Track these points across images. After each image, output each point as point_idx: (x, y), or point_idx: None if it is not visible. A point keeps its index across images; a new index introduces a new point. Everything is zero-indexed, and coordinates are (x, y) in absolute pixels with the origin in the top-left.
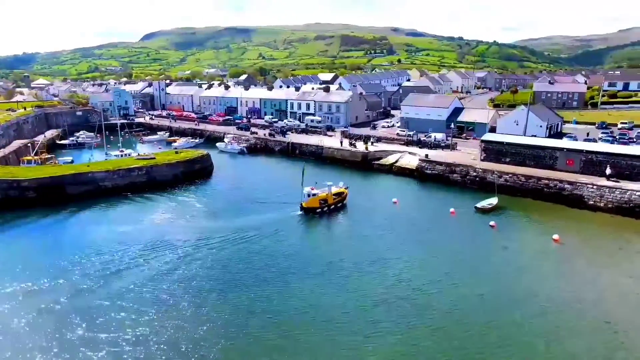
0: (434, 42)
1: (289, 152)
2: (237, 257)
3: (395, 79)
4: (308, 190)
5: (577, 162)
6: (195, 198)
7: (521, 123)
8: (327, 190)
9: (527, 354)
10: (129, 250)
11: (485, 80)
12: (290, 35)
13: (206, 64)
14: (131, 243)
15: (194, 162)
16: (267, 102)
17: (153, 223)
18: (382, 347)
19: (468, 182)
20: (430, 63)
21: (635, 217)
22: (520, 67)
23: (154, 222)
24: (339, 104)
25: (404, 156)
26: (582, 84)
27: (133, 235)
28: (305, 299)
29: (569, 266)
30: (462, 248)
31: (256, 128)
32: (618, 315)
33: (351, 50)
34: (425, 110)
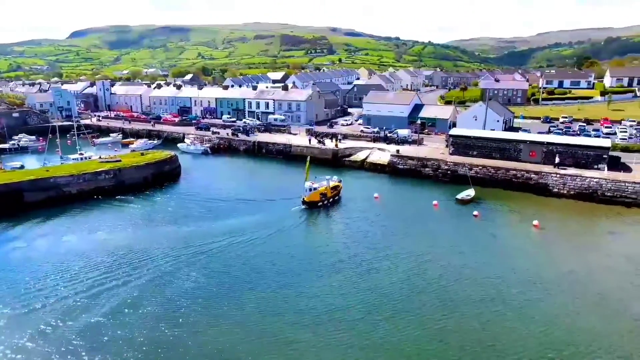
0: (371, 41)
1: (255, 151)
2: (241, 260)
3: (345, 78)
4: (309, 185)
5: (539, 154)
6: (172, 201)
7: (479, 118)
8: (326, 184)
9: (528, 331)
10: (111, 261)
11: (432, 78)
12: (229, 34)
13: (142, 63)
14: (112, 252)
15: (163, 163)
16: (224, 102)
17: (134, 229)
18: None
19: (440, 176)
20: (370, 62)
21: (594, 201)
22: (455, 66)
23: (134, 228)
24: (299, 102)
25: (373, 152)
26: (524, 82)
27: (112, 243)
28: (315, 297)
29: (553, 248)
30: (455, 238)
31: (216, 128)
32: (606, 288)
33: (292, 49)
34: (386, 107)
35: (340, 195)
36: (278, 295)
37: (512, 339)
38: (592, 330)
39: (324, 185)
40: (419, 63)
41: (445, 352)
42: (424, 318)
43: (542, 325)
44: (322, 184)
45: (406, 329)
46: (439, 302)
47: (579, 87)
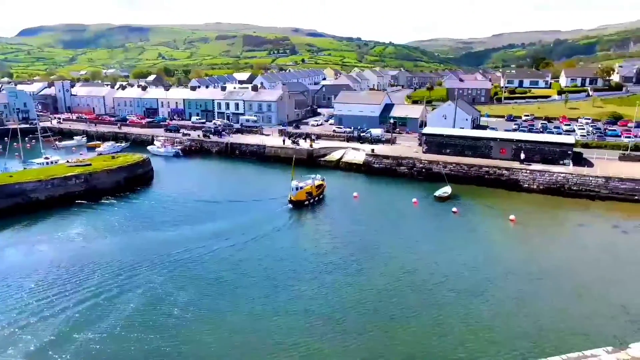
0: (334, 42)
1: (227, 152)
2: (229, 264)
3: (312, 78)
4: (296, 184)
5: (509, 151)
6: (149, 205)
7: (449, 117)
8: (311, 183)
9: (522, 320)
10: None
11: (397, 78)
12: (190, 35)
13: (100, 63)
14: (90, 261)
15: (136, 167)
16: (192, 103)
17: (111, 236)
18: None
19: (415, 174)
20: (333, 62)
21: (562, 195)
22: (415, 66)
23: (111, 235)
24: (270, 103)
25: (348, 152)
26: (487, 81)
27: (89, 252)
28: (309, 300)
29: (530, 241)
30: (438, 235)
31: (187, 129)
32: (585, 277)
33: (254, 50)
34: (357, 107)
35: (324, 194)
36: (271, 300)
37: (508, 328)
38: (580, 317)
39: (310, 184)
40: (381, 63)
41: (445, 348)
42: (420, 316)
43: (534, 314)
44: (308, 183)
45: (404, 328)
46: (433, 299)
47: (537, 86)
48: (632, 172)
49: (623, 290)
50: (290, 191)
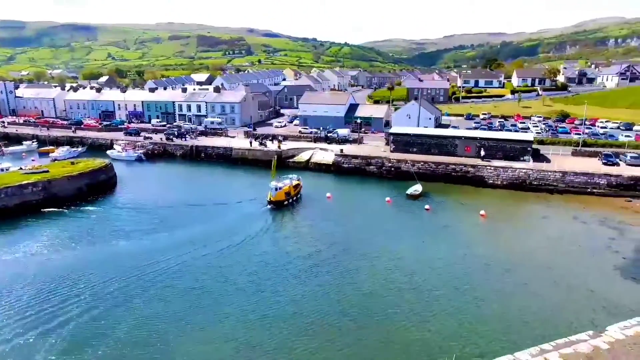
0: (290, 42)
1: (193, 156)
2: (211, 272)
3: (272, 79)
4: (275, 185)
5: (473, 148)
6: (116, 212)
7: (413, 116)
8: (289, 183)
9: (506, 311)
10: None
11: (357, 78)
12: (141, 34)
13: (44, 63)
14: (56, 275)
15: (99, 172)
16: (152, 105)
17: (78, 247)
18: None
19: (384, 173)
20: (289, 63)
21: (523, 190)
22: (371, 66)
23: (78, 246)
24: (234, 104)
25: (316, 152)
26: (445, 81)
27: (54, 265)
28: (297, 304)
29: (501, 235)
30: (414, 232)
31: (147, 132)
32: (556, 266)
33: (209, 50)
34: (322, 107)
35: (301, 194)
36: (260, 306)
37: (495, 319)
38: (558, 304)
39: (288, 185)
40: (337, 64)
41: (436, 343)
42: (408, 313)
43: (516, 304)
44: (286, 183)
45: (394, 326)
46: (419, 296)
47: (492, 86)
48: (585, 167)
49: (590, 277)
50: (269, 192)
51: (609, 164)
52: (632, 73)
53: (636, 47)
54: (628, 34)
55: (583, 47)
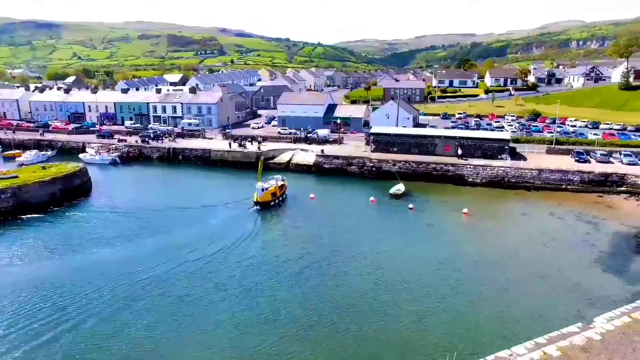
0: (263, 42)
1: (170, 158)
2: (201, 278)
3: (247, 79)
4: (261, 185)
5: (452, 147)
6: (94, 219)
7: (391, 116)
8: (275, 184)
9: (495, 306)
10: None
11: (333, 78)
12: (109, 33)
13: (1, 62)
14: (35, 287)
15: (73, 177)
16: (124, 106)
17: (56, 257)
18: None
19: (366, 173)
20: (263, 63)
21: (502, 187)
22: (344, 66)
23: (56, 255)
24: (210, 105)
25: (296, 153)
26: (421, 81)
27: (32, 276)
28: (291, 308)
29: (485, 232)
30: (400, 231)
31: (121, 135)
32: (541, 261)
33: (180, 50)
34: (301, 107)
35: (286, 194)
36: (253, 312)
37: (487, 315)
38: (546, 298)
39: (274, 185)
40: (310, 64)
41: (431, 341)
42: (402, 312)
43: (506, 300)
44: (272, 184)
45: (389, 326)
46: (412, 295)
47: (466, 86)
48: (559, 164)
49: (573, 270)
50: (256, 192)
51: (581, 161)
52: (596, 74)
53: (596, 49)
54: (588, 36)
55: (548, 48)
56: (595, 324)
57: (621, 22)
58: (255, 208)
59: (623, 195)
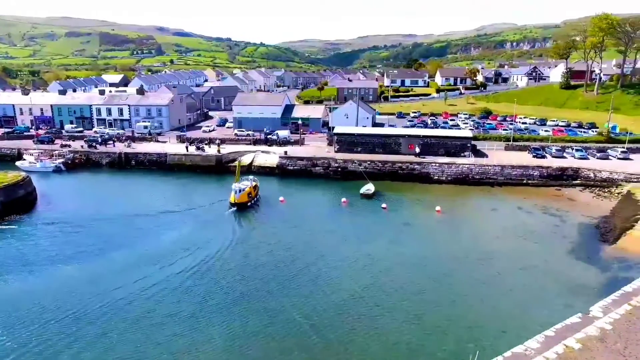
0: (203, 42)
1: (121, 163)
2: (184, 294)
3: (193, 80)
4: (238, 186)
5: (416, 146)
6: (46, 233)
7: (351, 116)
8: (250, 184)
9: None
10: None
11: (283, 79)
12: (31, 29)
13: None
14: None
15: (16, 188)
16: (63, 109)
17: (8, 279)
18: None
19: (331, 173)
20: (204, 64)
21: (467, 184)
22: (287, 66)
23: (7, 277)
24: (161, 107)
25: (258, 155)
26: (374, 81)
27: None
28: (287, 316)
29: (460, 229)
30: (377, 232)
31: (63, 140)
32: (521, 253)
33: (115, 49)
34: (258, 108)
35: (259, 195)
36: (246, 326)
37: (486, 312)
38: (539, 291)
39: (249, 186)
40: (253, 64)
41: (429, 341)
42: (397, 313)
43: (501, 295)
44: (247, 185)
45: (388, 329)
46: (405, 297)
47: (417, 85)
48: (517, 160)
49: (551, 262)
50: (232, 193)
51: (538, 157)
52: (537, 74)
53: (527, 50)
54: (520, 38)
55: (485, 49)
56: (592, 313)
57: (548, 26)
58: (232, 210)
59: (578, 188)
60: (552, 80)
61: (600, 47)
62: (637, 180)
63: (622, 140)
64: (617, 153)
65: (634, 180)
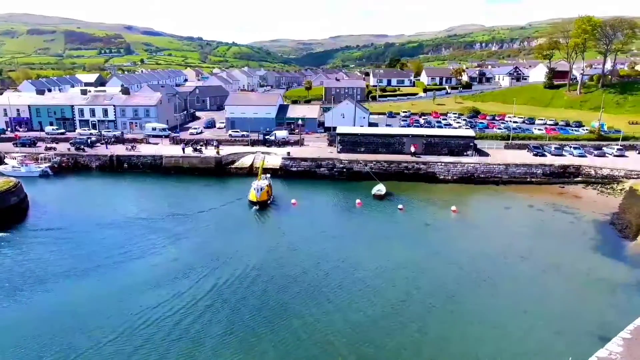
0: (173, 41)
1: (113, 167)
2: (218, 311)
3: (173, 79)
4: (259, 184)
5: (420, 146)
6: (49, 245)
7: (347, 116)
8: (267, 183)
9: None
10: None
11: (266, 78)
12: None
13: None
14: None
15: (8, 195)
16: (42, 110)
17: (16, 297)
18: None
19: (336, 174)
20: (175, 63)
21: (472, 183)
22: (260, 66)
23: (12, 295)
24: (149, 107)
25: (258, 156)
26: (362, 80)
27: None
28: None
29: (482, 228)
30: (400, 234)
31: (47, 142)
32: (545, 251)
33: (81, 48)
34: (252, 109)
35: (274, 194)
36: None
37: (543, 310)
38: (577, 295)
39: (267, 184)
40: (225, 64)
41: (468, 349)
42: (436, 313)
43: (548, 292)
44: (265, 183)
45: (423, 331)
46: (441, 299)
47: (403, 85)
48: (519, 158)
49: (586, 260)
50: (253, 192)
51: (538, 155)
52: (518, 74)
53: (496, 50)
54: (489, 39)
55: (455, 49)
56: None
57: (514, 28)
58: (255, 208)
59: (580, 185)
60: (532, 80)
61: (582, 48)
62: (637, 176)
63: (612, 138)
64: (613, 150)
65: (634, 176)
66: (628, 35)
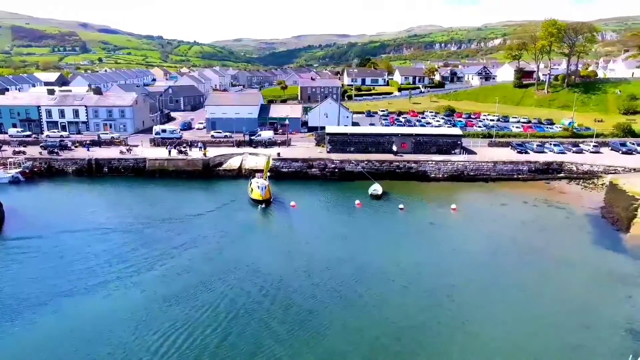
0: (132, 40)
1: (91, 171)
2: (234, 323)
3: (140, 79)
4: (263, 183)
5: (409, 145)
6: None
7: (330, 115)
8: (268, 182)
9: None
10: None
11: (237, 78)
12: None
13: None
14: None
15: None
16: (4, 111)
17: (12, 322)
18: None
19: (328, 175)
20: (135, 62)
21: (462, 180)
22: (223, 65)
23: (8, 320)
24: (124, 108)
25: (246, 158)
26: (337, 80)
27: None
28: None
29: (484, 225)
30: (405, 234)
31: (14, 146)
32: (549, 246)
33: (31, 45)
34: (233, 108)
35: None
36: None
37: (548, 312)
38: (595, 292)
39: (267, 183)
40: (187, 63)
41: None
42: (444, 323)
43: (558, 293)
44: (266, 182)
45: (438, 338)
46: (452, 300)
47: (378, 84)
48: (504, 156)
49: (591, 253)
50: (258, 190)
51: (522, 152)
52: (486, 73)
53: (455, 50)
54: (448, 40)
55: (416, 49)
56: None
57: (470, 29)
58: (262, 206)
59: (564, 180)
60: (500, 80)
61: (548, 50)
62: (614, 172)
63: (584, 135)
64: (589, 147)
65: (611, 171)
66: (588, 39)
